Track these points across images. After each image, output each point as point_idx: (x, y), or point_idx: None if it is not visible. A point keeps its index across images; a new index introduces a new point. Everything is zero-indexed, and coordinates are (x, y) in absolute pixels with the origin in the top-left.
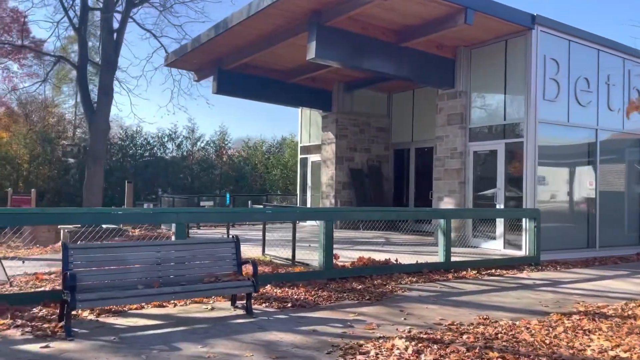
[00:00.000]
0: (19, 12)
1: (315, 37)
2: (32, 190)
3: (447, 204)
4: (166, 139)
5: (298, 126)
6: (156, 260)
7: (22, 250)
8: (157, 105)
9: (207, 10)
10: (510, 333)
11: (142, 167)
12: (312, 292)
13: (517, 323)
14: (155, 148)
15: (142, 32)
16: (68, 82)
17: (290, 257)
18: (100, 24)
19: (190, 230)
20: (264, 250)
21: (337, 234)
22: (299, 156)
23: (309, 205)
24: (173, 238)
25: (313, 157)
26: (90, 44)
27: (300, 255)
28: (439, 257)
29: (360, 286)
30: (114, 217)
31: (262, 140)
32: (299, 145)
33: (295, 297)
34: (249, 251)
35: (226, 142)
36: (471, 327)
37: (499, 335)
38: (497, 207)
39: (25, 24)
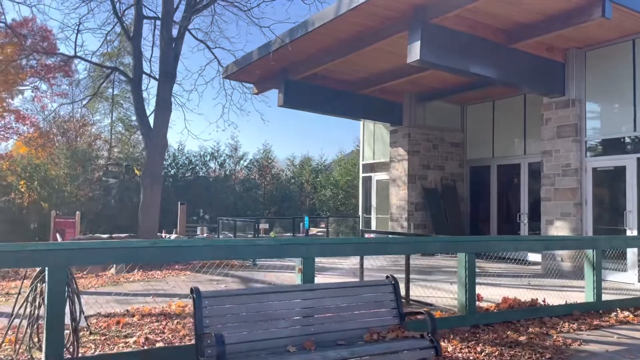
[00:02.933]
0: (47, 30)
1: (419, 36)
2: (77, 212)
3: (560, 229)
4: (208, 157)
5: (360, 142)
6: (304, 311)
7: (80, 280)
8: (207, 122)
9: (262, 22)
10: None
11: (184, 188)
12: (469, 346)
13: None
14: (198, 167)
15: (193, 45)
16: (104, 100)
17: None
18: (160, 31)
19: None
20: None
21: (413, 261)
22: (361, 174)
23: (374, 228)
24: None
25: (378, 176)
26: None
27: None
28: (586, 296)
29: (521, 337)
30: (241, 250)
31: (308, 158)
32: (361, 162)
33: (459, 354)
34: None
35: (270, 161)
36: None
37: None
38: (628, 232)
39: (53, 40)
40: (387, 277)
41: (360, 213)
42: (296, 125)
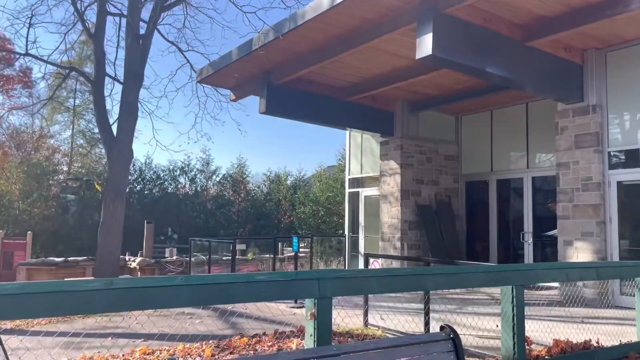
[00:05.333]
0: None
1: (431, 28)
2: (28, 232)
3: (581, 250)
4: (178, 172)
5: (346, 155)
6: None
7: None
8: (178, 132)
9: (235, 26)
10: None
11: (151, 205)
12: None
13: None
14: (166, 182)
15: (164, 47)
16: (64, 112)
17: (415, 332)
18: (125, 28)
19: None
20: (366, 319)
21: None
22: (347, 190)
23: (362, 249)
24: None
25: (367, 191)
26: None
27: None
28: (638, 334)
29: None
30: (235, 291)
31: (286, 172)
32: (347, 177)
33: None
34: (343, 319)
35: (245, 176)
36: None
37: None
38: None
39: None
40: (442, 328)
41: (346, 232)
42: (273, 138)
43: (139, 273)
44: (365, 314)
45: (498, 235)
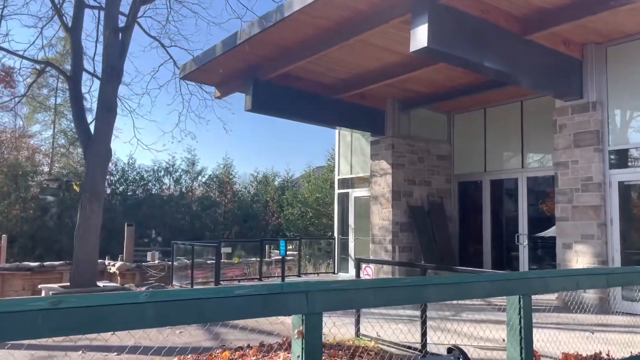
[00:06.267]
0: None
1: (426, 18)
2: (3, 236)
3: (581, 254)
4: (163, 172)
5: (335, 155)
6: None
7: None
8: (161, 131)
9: (221, 22)
10: None
11: (134, 207)
12: None
13: None
14: (150, 184)
15: (146, 43)
16: (44, 111)
17: (411, 343)
18: (104, 20)
19: None
20: (357, 329)
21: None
22: (337, 191)
23: (352, 252)
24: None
25: (357, 192)
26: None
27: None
28: None
29: None
30: (209, 309)
31: (274, 173)
32: (336, 177)
33: None
34: (333, 329)
35: (231, 177)
36: None
37: None
38: None
39: None
40: (450, 350)
41: (335, 234)
42: (260, 138)
43: (118, 278)
44: (357, 324)
45: (492, 238)
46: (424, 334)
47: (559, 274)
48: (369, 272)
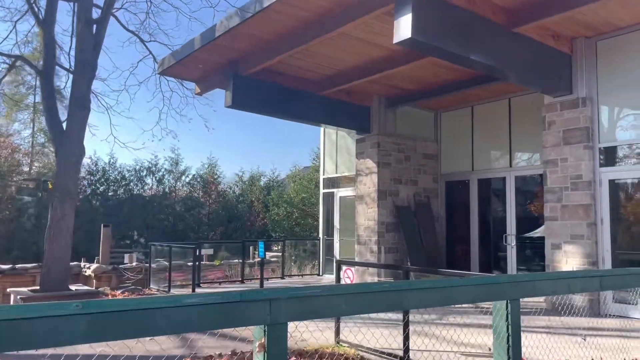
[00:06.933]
0: None
1: (410, 7)
2: None
3: (571, 254)
4: (145, 172)
5: (320, 153)
6: None
7: None
8: (141, 129)
9: (202, 17)
10: None
11: (115, 207)
12: None
13: None
14: (132, 183)
15: (124, 38)
16: (22, 109)
17: (393, 350)
18: (77, 12)
19: None
20: (337, 334)
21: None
22: (322, 190)
23: (337, 253)
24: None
25: (342, 192)
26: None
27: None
28: None
29: None
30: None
31: (259, 173)
32: (321, 177)
33: None
34: (313, 334)
35: (216, 176)
36: None
37: None
38: None
39: None
40: None
41: (320, 235)
42: (246, 138)
43: (94, 281)
44: (337, 331)
45: (480, 238)
46: (406, 337)
47: (550, 277)
48: (349, 274)
